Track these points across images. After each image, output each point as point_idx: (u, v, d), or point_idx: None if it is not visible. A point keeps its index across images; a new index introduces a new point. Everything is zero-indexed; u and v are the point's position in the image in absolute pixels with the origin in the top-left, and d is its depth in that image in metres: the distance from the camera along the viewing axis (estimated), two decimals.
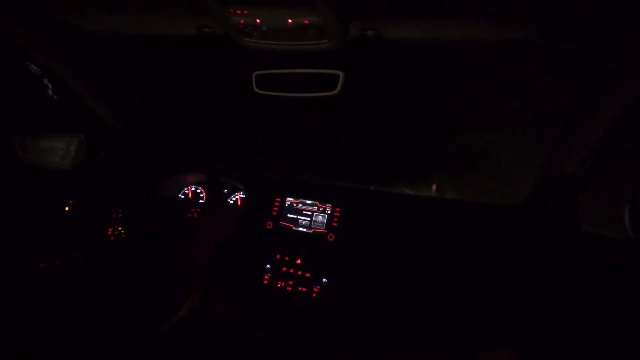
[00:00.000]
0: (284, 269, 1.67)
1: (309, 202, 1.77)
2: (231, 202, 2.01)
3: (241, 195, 2.01)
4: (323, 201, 1.76)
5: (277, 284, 1.65)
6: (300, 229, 1.74)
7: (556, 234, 1.50)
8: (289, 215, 1.78)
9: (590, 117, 1.12)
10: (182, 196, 2.08)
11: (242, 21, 0.99)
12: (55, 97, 1.53)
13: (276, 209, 1.80)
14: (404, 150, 1.69)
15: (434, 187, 1.69)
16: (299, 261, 1.67)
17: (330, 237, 1.69)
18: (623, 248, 1.35)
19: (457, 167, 1.63)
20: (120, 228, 1.82)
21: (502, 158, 1.52)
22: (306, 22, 0.96)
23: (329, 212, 1.74)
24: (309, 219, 1.75)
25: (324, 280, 1.62)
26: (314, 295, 1.61)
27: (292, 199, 1.80)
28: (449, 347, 1.47)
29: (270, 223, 1.77)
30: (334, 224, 1.71)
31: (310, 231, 1.73)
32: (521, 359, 1.36)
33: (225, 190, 2.02)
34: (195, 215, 1.77)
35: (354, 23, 1.00)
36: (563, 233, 1.49)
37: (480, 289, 1.53)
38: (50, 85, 1.50)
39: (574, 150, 1.26)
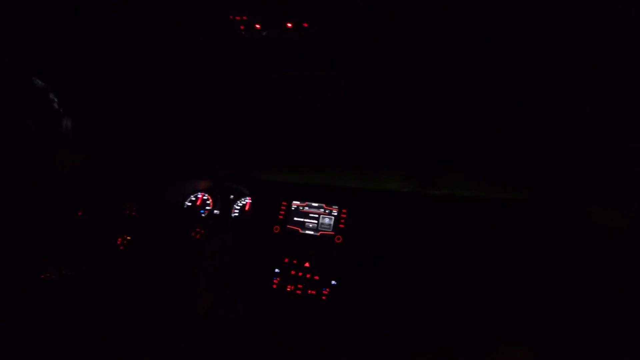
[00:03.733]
0: (293, 272, 1.66)
1: (315, 204, 1.77)
2: (235, 213, 2.01)
3: (248, 200, 2.01)
4: (329, 203, 1.75)
5: (287, 287, 1.65)
6: (308, 231, 1.74)
7: (567, 229, 1.48)
8: (295, 218, 1.78)
9: None
10: (190, 203, 2.09)
11: (242, 27, 1.00)
12: (61, 110, 1.55)
13: (283, 212, 1.80)
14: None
15: None
16: (307, 264, 1.66)
17: (338, 239, 1.68)
18: (632, 238, 1.33)
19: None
20: (128, 237, 1.83)
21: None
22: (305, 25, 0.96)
23: (335, 214, 1.73)
24: (315, 221, 1.74)
25: (332, 282, 1.61)
26: (323, 297, 1.60)
27: (298, 202, 1.80)
28: (462, 347, 1.45)
29: (278, 227, 1.77)
30: (341, 225, 1.70)
31: (318, 234, 1.72)
32: (534, 356, 1.34)
33: (232, 196, 2.02)
34: (198, 236, 1.78)
35: None
36: (573, 227, 1.47)
37: (492, 286, 1.51)
38: (55, 99, 1.52)
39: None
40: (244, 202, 2.02)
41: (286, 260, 1.69)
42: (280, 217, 1.79)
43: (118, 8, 1.06)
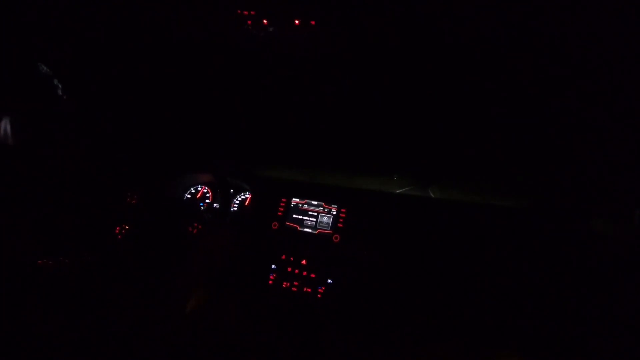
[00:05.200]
0: (289, 269, 1.67)
1: (314, 202, 1.77)
2: (235, 208, 2.01)
3: (248, 195, 2.01)
4: (329, 202, 1.76)
5: (282, 284, 1.65)
6: (306, 229, 1.74)
7: (565, 236, 1.48)
8: (294, 215, 1.78)
9: None
10: (189, 195, 2.09)
11: (249, 22, 1.00)
12: (64, 97, 1.55)
13: (282, 209, 1.80)
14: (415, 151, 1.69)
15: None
16: (304, 262, 1.67)
17: (336, 238, 1.69)
18: (632, 248, 1.33)
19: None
20: (127, 227, 1.83)
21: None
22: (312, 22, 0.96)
23: (334, 212, 1.73)
24: (314, 219, 1.75)
25: (329, 281, 1.61)
26: (319, 296, 1.60)
27: (297, 200, 1.80)
28: (457, 351, 1.45)
29: (276, 223, 1.77)
30: (340, 224, 1.70)
31: (316, 232, 1.72)
32: None
33: (232, 191, 2.02)
34: (195, 231, 1.78)
35: None
36: (572, 235, 1.47)
37: (488, 291, 1.51)
38: (60, 86, 1.52)
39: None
40: (243, 197, 2.02)
41: (283, 257, 1.69)
42: (279, 213, 1.79)
43: (128, 2, 1.06)
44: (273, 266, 1.69)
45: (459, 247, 1.58)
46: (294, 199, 1.80)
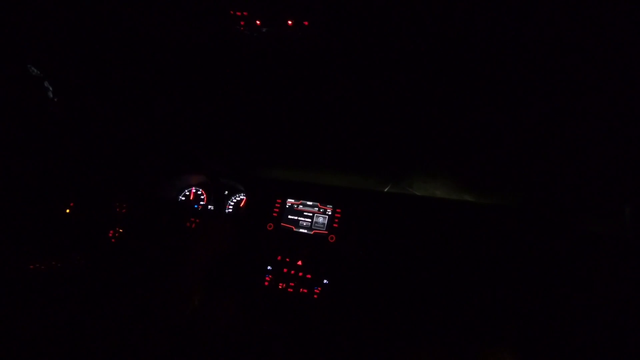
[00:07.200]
0: (285, 270, 1.66)
1: (309, 203, 1.77)
2: (230, 208, 2.01)
3: (242, 197, 2.01)
4: (324, 202, 1.76)
5: (279, 285, 1.64)
6: (301, 230, 1.74)
7: (556, 233, 1.49)
8: (289, 216, 1.77)
9: None
10: (183, 197, 2.08)
11: (242, 23, 1.00)
12: (55, 99, 1.53)
13: (277, 210, 1.80)
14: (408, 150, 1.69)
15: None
16: (299, 262, 1.67)
17: (331, 238, 1.69)
18: (622, 247, 1.35)
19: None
20: (120, 230, 1.82)
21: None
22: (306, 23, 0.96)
23: (329, 213, 1.73)
24: (309, 220, 1.74)
25: (325, 281, 1.61)
26: (315, 296, 1.60)
27: (292, 200, 1.80)
28: (451, 348, 1.46)
29: (271, 224, 1.77)
30: (335, 225, 1.71)
31: (311, 232, 1.72)
32: (522, 359, 1.35)
33: (226, 192, 2.02)
34: (193, 225, 1.78)
35: None
36: (562, 232, 1.49)
37: (482, 289, 1.52)
38: (50, 88, 1.50)
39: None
40: (238, 199, 2.02)
41: (279, 258, 1.69)
42: (275, 214, 1.79)
43: (119, 4, 1.05)
44: (269, 267, 1.68)
45: (452, 245, 1.59)
46: (289, 200, 1.80)
